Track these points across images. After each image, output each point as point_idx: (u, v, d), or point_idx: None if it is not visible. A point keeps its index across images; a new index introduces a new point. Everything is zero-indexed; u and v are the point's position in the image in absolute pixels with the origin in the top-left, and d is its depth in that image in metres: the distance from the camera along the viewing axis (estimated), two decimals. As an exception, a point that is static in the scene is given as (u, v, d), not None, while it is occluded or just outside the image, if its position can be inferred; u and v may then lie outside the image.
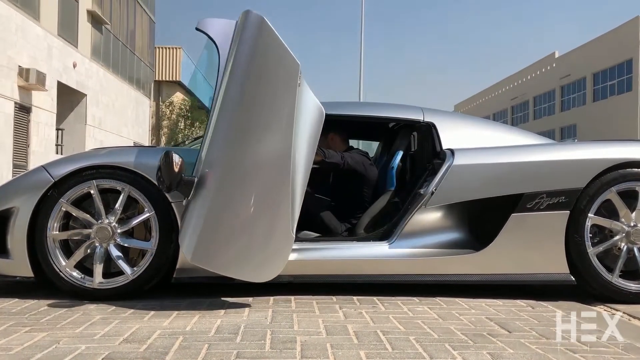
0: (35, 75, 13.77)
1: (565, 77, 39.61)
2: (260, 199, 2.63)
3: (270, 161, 2.64)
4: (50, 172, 2.84)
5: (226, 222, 2.59)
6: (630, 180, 2.90)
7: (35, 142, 14.70)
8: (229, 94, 2.59)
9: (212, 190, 2.55)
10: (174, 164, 2.53)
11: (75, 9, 17.52)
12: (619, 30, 33.41)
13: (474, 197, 2.98)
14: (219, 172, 2.56)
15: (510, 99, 49.04)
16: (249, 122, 2.59)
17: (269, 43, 2.61)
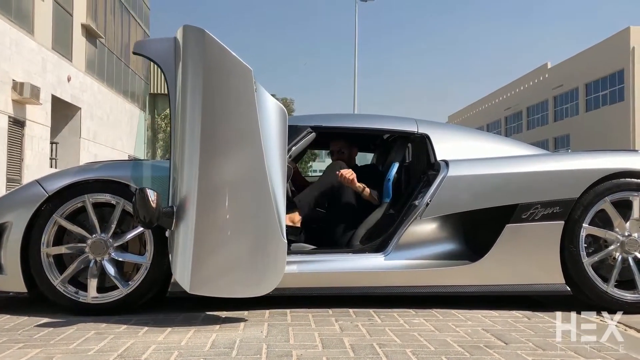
0: (30, 89, 13.78)
1: (557, 87, 39.90)
2: (243, 213, 2.59)
3: (245, 173, 2.59)
4: (44, 187, 2.83)
5: (215, 245, 2.54)
6: (624, 190, 2.91)
7: (29, 156, 14.67)
8: (188, 115, 2.52)
9: (193, 217, 2.48)
10: (150, 200, 2.45)
11: (70, 23, 17.57)
12: (609, 41, 33.73)
13: (468, 208, 2.98)
14: (195, 196, 2.48)
15: (503, 109, 49.32)
16: (214, 140, 2.51)
17: (216, 55, 2.52)
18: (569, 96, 38.71)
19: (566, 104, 39.28)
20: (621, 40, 32.38)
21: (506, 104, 48.85)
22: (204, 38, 2.50)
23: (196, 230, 2.49)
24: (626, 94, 32.03)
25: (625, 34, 32.07)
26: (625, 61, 31.97)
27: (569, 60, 38.82)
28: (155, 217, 2.48)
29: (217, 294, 2.61)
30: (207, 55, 2.51)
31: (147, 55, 2.71)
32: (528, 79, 45.06)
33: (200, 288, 2.54)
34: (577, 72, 36.93)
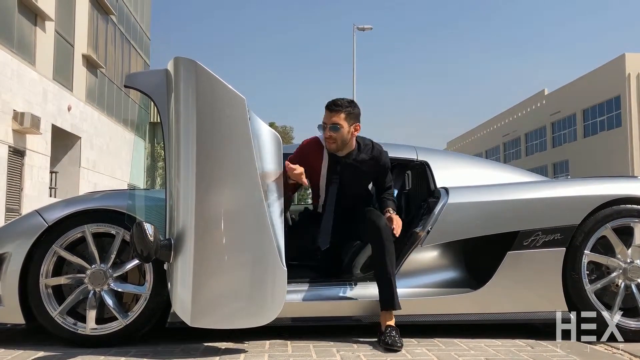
0: (30, 119, 13.85)
1: (555, 113, 40.16)
2: (241, 243, 2.57)
3: (242, 203, 2.58)
4: (44, 217, 2.83)
5: (214, 276, 2.52)
6: (624, 217, 2.91)
7: (28, 185, 14.67)
8: (182, 146, 2.51)
9: (191, 249, 2.47)
10: (147, 234, 2.44)
11: (71, 53, 17.77)
12: (605, 68, 34.08)
13: (469, 236, 2.97)
14: (192, 228, 2.47)
15: (502, 135, 49.56)
16: (209, 171, 2.51)
17: (208, 85, 2.52)
18: (567, 122, 38.95)
19: (564, 130, 39.49)
20: (617, 67, 32.73)
21: (504, 131, 49.11)
22: (196, 69, 2.51)
23: (194, 262, 2.47)
24: (623, 119, 32.24)
25: (621, 60, 32.44)
26: (621, 87, 32.26)
27: (565, 87, 39.16)
28: (153, 251, 2.46)
29: (218, 326, 2.59)
30: (199, 86, 2.51)
31: (138, 88, 2.69)
32: (525, 106, 45.39)
33: (200, 320, 2.51)
34: (574, 99, 37.22)
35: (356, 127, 3.02)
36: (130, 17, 24.16)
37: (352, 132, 3.00)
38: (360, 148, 3.09)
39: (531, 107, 44.21)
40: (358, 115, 3.04)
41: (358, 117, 3.04)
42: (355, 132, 3.02)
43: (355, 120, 3.01)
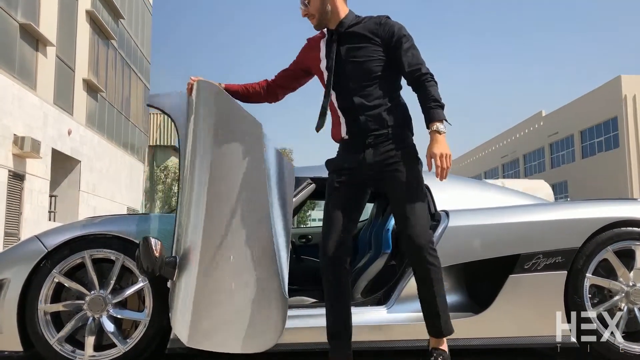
0: (30, 143, 13.89)
1: (553, 134, 40.32)
2: (246, 268, 2.57)
3: (251, 229, 2.58)
4: (44, 242, 2.82)
5: (215, 298, 2.52)
6: (625, 240, 2.90)
7: (27, 209, 14.65)
8: (197, 167, 2.55)
9: (195, 269, 2.48)
10: (153, 250, 2.44)
11: (72, 77, 17.89)
12: (602, 90, 34.31)
13: (470, 259, 2.96)
14: (199, 248, 2.49)
15: (500, 157, 49.69)
16: (221, 193, 2.53)
17: (229, 111, 2.58)
18: (565, 143, 39.09)
19: (562, 151, 39.61)
20: (613, 88, 32.96)
21: (503, 152, 49.25)
22: (215, 92, 2.57)
23: (197, 283, 2.47)
24: (621, 140, 32.36)
25: (617, 82, 32.67)
26: (618, 109, 32.45)
27: (562, 108, 39.37)
28: (157, 266, 2.46)
29: (215, 349, 2.56)
30: (218, 109, 2.57)
31: (160, 107, 2.77)
32: (523, 127, 45.59)
33: (198, 342, 2.49)
34: (571, 120, 37.40)
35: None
36: (130, 42, 24.39)
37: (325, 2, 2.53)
38: (355, 16, 2.58)
39: (529, 129, 44.40)
40: None
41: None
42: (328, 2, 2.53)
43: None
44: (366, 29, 2.51)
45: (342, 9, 2.57)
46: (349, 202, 2.57)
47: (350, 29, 2.53)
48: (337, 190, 2.58)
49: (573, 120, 37.16)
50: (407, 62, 2.47)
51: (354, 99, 2.51)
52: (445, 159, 2.37)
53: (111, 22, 21.57)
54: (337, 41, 2.54)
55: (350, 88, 2.52)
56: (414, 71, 2.46)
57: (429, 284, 2.48)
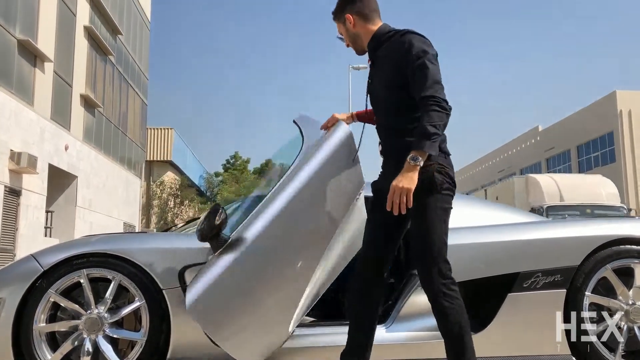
0: (27, 158, 13.86)
1: (549, 149, 40.45)
2: (276, 282, 2.65)
3: (303, 253, 2.69)
4: (40, 261, 2.80)
5: (238, 292, 2.59)
6: (624, 258, 2.90)
7: (23, 225, 14.57)
8: (296, 180, 2.67)
9: (234, 259, 2.57)
10: (217, 216, 2.54)
11: (69, 93, 17.92)
12: (597, 105, 34.51)
13: (469, 278, 2.94)
14: (251, 243, 2.59)
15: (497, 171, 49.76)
16: (299, 214, 2.67)
17: (347, 156, 2.73)
18: (562, 158, 39.21)
19: (559, 166, 39.71)
20: (608, 103, 33.15)
21: (500, 167, 49.35)
22: (348, 138, 2.74)
23: (228, 270, 2.56)
24: (617, 155, 32.49)
25: (612, 97, 32.88)
26: (614, 124, 32.61)
27: (559, 123, 39.56)
28: (210, 233, 2.56)
29: (206, 330, 2.58)
30: (342, 151, 2.72)
31: (301, 127, 2.91)
32: (520, 142, 45.75)
33: (195, 312, 2.54)
34: (567, 135, 37.55)
35: (347, 16, 2.58)
36: (128, 58, 24.48)
37: (350, 27, 2.59)
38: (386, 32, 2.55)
39: (525, 144, 44.55)
40: (343, 6, 2.60)
41: (344, 8, 2.60)
42: (354, 22, 2.58)
43: (341, 12, 2.61)
44: (388, 49, 2.50)
45: (368, 31, 2.57)
46: (386, 221, 2.48)
47: (377, 52, 2.55)
48: (374, 210, 2.58)
49: (569, 135, 37.31)
50: (412, 84, 2.37)
51: (381, 121, 2.59)
52: (400, 193, 2.23)
53: (109, 37, 21.66)
54: (371, 62, 2.61)
55: (379, 109, 2.58)
56: (416, 94, 2.34)
57: (444, 323, 2.40)
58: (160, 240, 3.01)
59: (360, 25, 2.58)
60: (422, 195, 2.32)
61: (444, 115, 2.28)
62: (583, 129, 35.61)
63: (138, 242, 2.94)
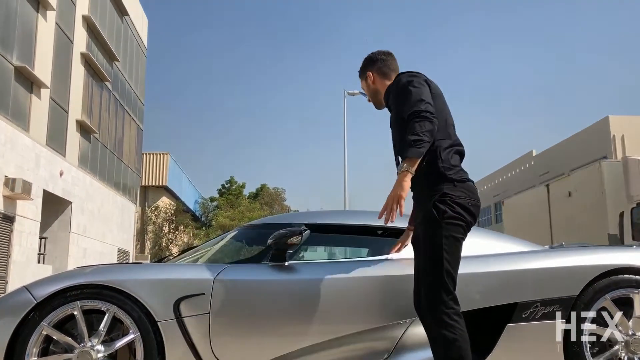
0: (22, 185, 13.80)
1: (544, 174, 40.61)
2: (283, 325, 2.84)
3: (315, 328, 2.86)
4: (33, 293, 2.76)
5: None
6: (623, 287, 2.88)
7: (16, 251, 14.44)
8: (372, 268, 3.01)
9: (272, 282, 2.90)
10: (293, 237, 2.84)
11: (65, 119, 17.94)
12: (590, 130, 34.79)
13: (467, 308, 2.91)
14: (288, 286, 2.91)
15: (492, 196, 49.86)
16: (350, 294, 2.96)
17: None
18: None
19: (554, 190, 39.83)
20: (601, 128, 33.44)
21: (495, 191, 49.46)
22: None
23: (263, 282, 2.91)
24: (611, 179, 32.61)
25: (605, 122, 33.17)
26: (607, 148, 32.83)
27: (552, 148, 39.81)
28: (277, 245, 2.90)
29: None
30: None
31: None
32: (514, 166, 45.96)
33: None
34: (562, 159, 37.75)
35: (368, 75, 2.90)
36: (125, 84, 24.59)
37: (369, 82, 2.91)
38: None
39: (520, 168, 44.75)
40: (366, 65, 2.92)
41: (366, 67, 2.92)
42: (373, 79, 2.89)
43: (364, 70, 2.93)
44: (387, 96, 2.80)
45: (385, 86, 2.84)
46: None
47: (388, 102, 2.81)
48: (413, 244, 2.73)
49: (563, 160, 37.51)
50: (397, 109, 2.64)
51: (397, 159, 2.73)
52: (392, 201, 2.43)
53: (106, 64, 21.79)
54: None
55: (395, 152, 2.77)
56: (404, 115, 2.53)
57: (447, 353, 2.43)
58: (155, 271, 2.98)
59: (379, 81, 2.86)
60: (426, 226, 2.49)
61: (425, 123, 2.42)
62: (577, 153, 35.82)
63: (133, 273, 2.91)
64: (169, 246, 30.96)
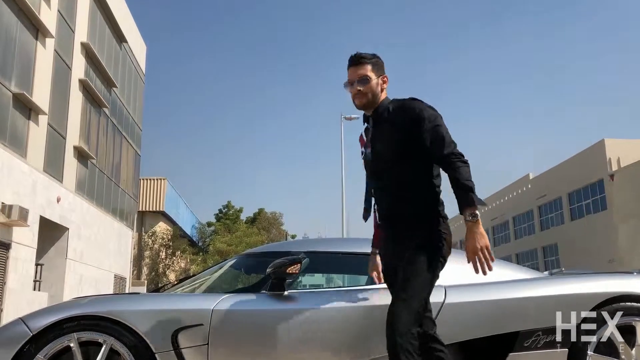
0: (18, 211, 13.73)
1: (541, 197, 40.66)
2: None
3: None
4: (29, 325, 2.73)
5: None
6: (626, 315, 2.85)
7: (12, 278, 14.31)
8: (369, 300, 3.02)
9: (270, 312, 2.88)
10: (292, 266, 2.85)
11: (63, 145, 17.96)
12: (586, 153, 34.95)
13: (469, 337, 2.88)
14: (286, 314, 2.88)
15: (490, 219, 49.85)
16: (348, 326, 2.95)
17: None
18: (553, 206, 39.38)
19: (551, 213, 39.84)
20: (597, 151, 33.59)
21: (492, 214, 49.46)
22: None
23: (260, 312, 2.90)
24: (608, 203, 32.66)
25: (601, 145, 33.34)
26: (603, 172, 32.95)
27: (549, 171, 39.93)
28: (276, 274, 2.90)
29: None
30: None
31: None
32: (512, 190, 46.03)
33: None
34: (558, 183, 37.85)
35: (384, 78, 2.72)
36: (122, 109, 24.69)
37: (381, 84, 2.71)
38: (389, 101, 2.72)
39: (517, 191, 44.82)
40: (383, 66, 2.75)
41: (384, 68, 2.75)
42: (384, 85, 2.72)
43: (382, 71, 2.72)
44: (392, 113, 2.63)
45: (384, 94, 2.73)
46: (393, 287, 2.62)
47: (382, 114, 2.66)
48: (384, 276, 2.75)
49: (560, 183, 37.61)
50: (429, 145, 2.48)
51: (379, 186, 2.65)
52: (485, 251, 2.37)
53: (104, 90, 21.90)
54: (372, 127, 2.69)
55: (376, 171, 2.65)
56: (435, 154, 2.47)
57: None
58: (153, 302, 2.95)
59: (384, 90, 2.72)
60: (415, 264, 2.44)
61: (468, 169, 2.41)
62: (573, 176, 35.95)
63: (130, 303, 2.88)
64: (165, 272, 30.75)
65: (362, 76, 2.66)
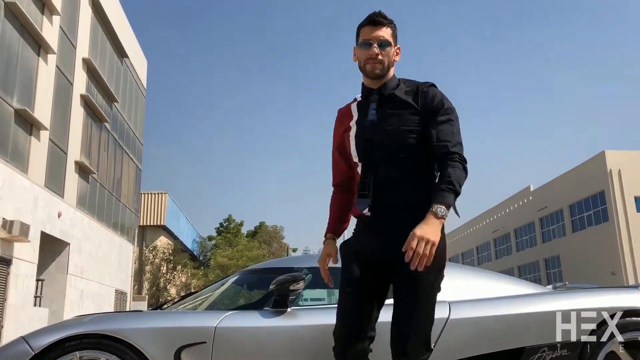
0: (19, 227, 13.71)
1: (542, 209, 40.61)
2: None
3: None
4: (30, 344, 2.71)
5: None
6: (632, 330, 2.83)
7: (12, 294, 14.26)
8: None
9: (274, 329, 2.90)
10: (295, 283, 2.91)
11: (64, 160, 17.99)
12: (587, 165, 34.96)
13: (474, 354, 2.86)
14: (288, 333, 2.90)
15: (491, 231, 49.76)
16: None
17: None
18: (555, 218, 39.32)
19: (552, 225, 39.77)
20: (598, 163, 33.61)
21: (494, 227, 49.38)
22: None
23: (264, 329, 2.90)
24: (610, 214, 32.62)
25: (601, 157, 33.36)
26: (604, 183, 32.94)
27: (550, 183, 39.91)
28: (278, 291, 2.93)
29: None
30: None
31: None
32: (513, 202, 45.98)
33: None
34: (559, 194, 37.82)
35: (398, 50, 2.40)
36: (123, 124, 24.77)
37: (396, 53, 2.38)
38: (398, 79, 2.41)
39: (518, 204, 44.77)
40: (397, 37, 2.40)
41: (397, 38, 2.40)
42: (397, 57, 2.39)
43: (396, 40, 2.38)
44: (407, 93, 2.33)
45: (392, 70, 2.41)
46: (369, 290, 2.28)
47: (393, 91, 2.34)
48: (355, 277, 2.29)
49: (561, 195, 37.58)
50: (437, 136, 2.22)
51: (380, 171, 2.27)
52: (425, 244, 2.00)
53: (105, 105, 21.98)
54: (377, 102, 2.35)
55: (379, 158, 2.28)
56: (441, 146, 2.21)
57: None
58: (156, 319, 2.94)
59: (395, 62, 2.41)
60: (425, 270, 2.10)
61: (465, 177, 2.19)
62: (574, 188, 35.93)
63: (132, 321, 2.86)
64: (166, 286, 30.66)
65: (383, 39, 2.32)
